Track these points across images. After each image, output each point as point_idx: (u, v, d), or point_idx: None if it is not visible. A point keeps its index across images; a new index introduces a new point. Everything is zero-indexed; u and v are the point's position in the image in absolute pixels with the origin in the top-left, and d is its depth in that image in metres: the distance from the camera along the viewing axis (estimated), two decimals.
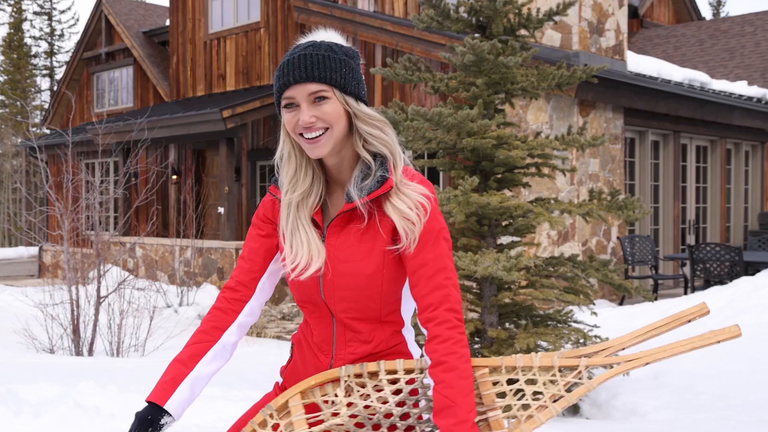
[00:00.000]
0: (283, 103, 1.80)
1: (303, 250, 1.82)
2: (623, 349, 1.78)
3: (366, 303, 1.82)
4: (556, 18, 10.50)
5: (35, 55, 38.49)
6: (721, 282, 10.30)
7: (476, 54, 5.31)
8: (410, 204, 1.78)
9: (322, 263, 1.80)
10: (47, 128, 20.97)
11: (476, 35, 5.85)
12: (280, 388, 2.01)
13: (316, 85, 1.75)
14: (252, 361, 6.86)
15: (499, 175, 5.75)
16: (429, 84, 5.80)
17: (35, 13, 38.38)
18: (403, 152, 1.89)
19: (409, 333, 1.94)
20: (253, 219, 1.98)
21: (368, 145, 1.83)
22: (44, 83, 39.36)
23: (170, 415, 1.76)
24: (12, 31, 37.32)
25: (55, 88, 34.13)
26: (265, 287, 1.95)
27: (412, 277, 1.79)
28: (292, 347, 2.00)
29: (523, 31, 7.47)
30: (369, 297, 1.82)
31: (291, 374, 1.97)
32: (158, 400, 1.76)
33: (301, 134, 1.78)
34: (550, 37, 11.27)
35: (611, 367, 1.79)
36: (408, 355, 1.90)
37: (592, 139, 5.50)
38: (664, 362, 6.08)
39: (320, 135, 1.76)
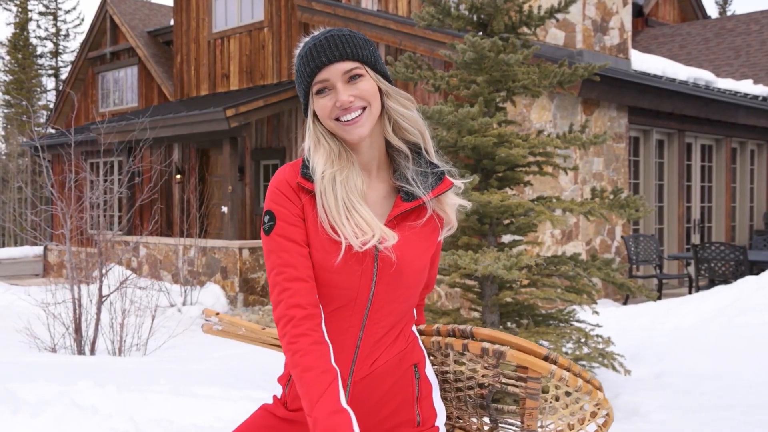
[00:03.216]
0: (315, 88, 1.71)
1: (369, 226, 1.68)
2: None
3: (411, 301, 1.80)
4: (559, 16, 10.46)
5: (41, 55, 38.57)
6: (726, 281, 10.24)
7: (477, 51, 5.27)
8: (458, 196, 1.83)
9: (396, 242, 1.69)
10: (52, 128, 21.01)
11: (478, 33, 5.82)
12: (280, 402, 1.86)
13: (350, 63, 1.69)
14: (251, 361, 6.84)
15: (500, 174, 5.72)
16: (430, 82, 5.77)
17: (40, 13, 38.45)
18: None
19: (414, 328, 1.91)
20: (281, 229, 1.71)
21: (399, 130, 1.77)
22: (50, 83, 39.48)
23: None
24: (17, 31, 37.40)
25: (60, 87, 34.19)
26: None
27: (434, 258, 1.88)
28: None
29: (524, 29, 7.43)
30: (415, 294, 1.80)
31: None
32: None
33: (337, 119, 1.70)
34: (554, 35, 11.23)
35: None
36: (421, 352, 1.87)
37: (594, 137, 5.47)
38: (666, 362, 6.04)
39: (359, 115, 1.69)
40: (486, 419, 1.95)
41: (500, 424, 1.92)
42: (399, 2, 12.99)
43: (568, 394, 1.83)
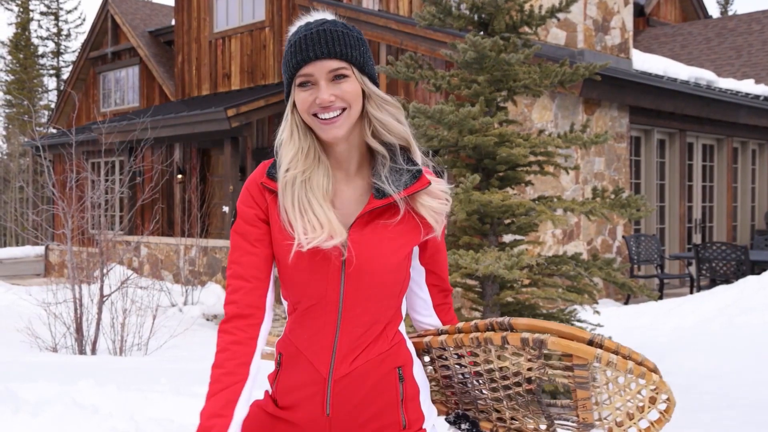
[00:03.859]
0: (298, 81, 1.68)
1: (322, 226, 1.67)
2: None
3: (388, 301, 1.76)
4: (560, 15, 10.45)
5: (42, 55, 38.60)
6: (727, 281, 10.23)
7: (478, 51, 5.27)
8: (441, 198, 1.77)
9: (344, 240, 1.68)
10: (53, 127, 21.03)
11: (479, 32, 5.81)
12: (270, 398, 1.86)
13: (337, 62, 1.66)
14: None
15: (501, 173, 5.71)
16: (431, 81, 5.77)
17: (42, 13, 38.48)
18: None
19: (403, 328, 1.86)
20: (238, 227, 1.77)
21: (378, 134, 1.74)
22: (51, 83, 39.51)
23: None
24: (19, 31, 37.43)
25: (61, 87, 34.22)
26: (271, 302, 1.79)
27: (435, 258, 1.88)
28: (279, 356, 1.83)
29: (525, 29, 7.44)
30: (391, 294, 1.76)
31: (283, 385, 1.80)
32: None
33: (315, 115, 1.67)
34: (555, 35, 11.23)
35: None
36: (408, 354, 1.82)
37: (595, 136, 5.46)
38: (667, 362, 6.03)
39: (337, 116, 1.66)
40: (542, 418, 1.82)
41: (556, 421, 1.81)
42: (400, 2, 12.99)
43: (620, 380, 1.68)
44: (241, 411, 1.65)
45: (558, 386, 1.80)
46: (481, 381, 1.87)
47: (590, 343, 1.62)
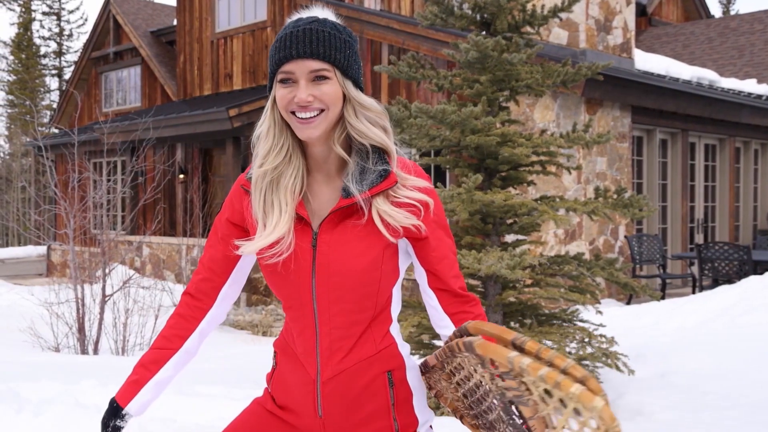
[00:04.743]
0: (279, 77, 1.67)
1: (272, 227, 1.69)
2: None
3: (362, 302, 1.72)
4: (562, 15, 10.45)
5: (44, 55, 38.61)
6: (730, 281, 10.22)
7: (480, 51, 5.27)
8: (406, 199, 1.72)
9: (285, 240, 1.68)
10: (55, 127, 21.04)
11: (481, 32, 5.81)
12: (270, 394, 1.87)
13: (319, 63, 1.64)
14: (256, 360, 6.84)
15: (504, 173, 5.71)
16: (433, 81, 5.77)
17: (44, 13, 38.49)
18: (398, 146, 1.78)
19: (396, 331, 1.83)
20: (217, 220, 1.86)
21: (351, 138, 1.72)
22: (53, 83, 39.51)
23: (131, 415, 1.85)
24: (21, 31, 37.44)
25: (63, 87, 34.24)
26: (228, 295, 1.88)
27: (429, 257, 1.79)
28: (275, 355, 1.86)
29: (528, 28, 7.44)
30: (366, 295, 1.72)
31: (279, 385, 1.83)
32: (121, 400, 1.84)
33: (293, 112, 1.67)
34: (557, 35, 11.22)
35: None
36: (399, 358, 1.79)
37: (597, 136, 5.46)
38: (670, 362, 6.03)
39: (315, 116, 1.65)
40: None
41: None
42: (402, 2, 12.99)
43: (549, 394, 1.31)
44: (165, 373, 1.84)
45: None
46: (487, 401, 1.61)
47: (513, 345, 1.38)
